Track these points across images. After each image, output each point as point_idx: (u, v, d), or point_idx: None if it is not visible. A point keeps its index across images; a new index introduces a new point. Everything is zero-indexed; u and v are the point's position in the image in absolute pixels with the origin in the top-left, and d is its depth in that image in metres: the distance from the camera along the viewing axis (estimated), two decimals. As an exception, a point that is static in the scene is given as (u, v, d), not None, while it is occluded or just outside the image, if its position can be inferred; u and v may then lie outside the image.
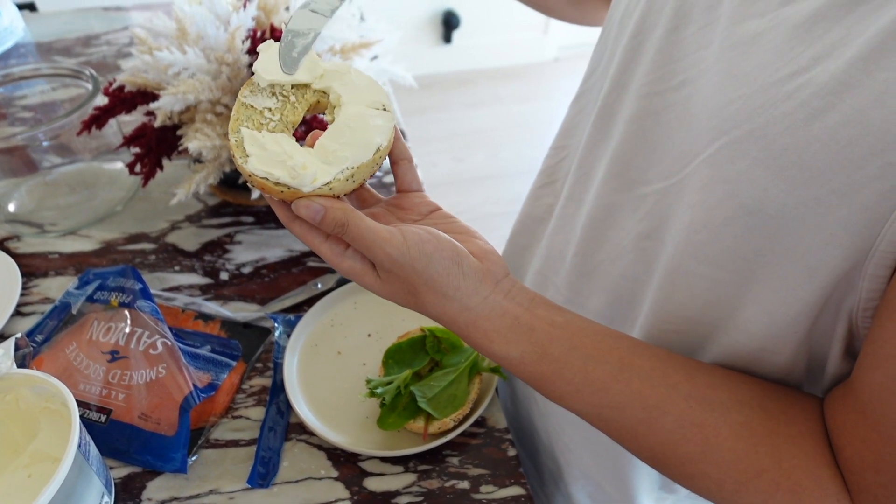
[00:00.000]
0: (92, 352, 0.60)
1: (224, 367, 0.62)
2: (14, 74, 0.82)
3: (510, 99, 2.78)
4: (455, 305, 0.38)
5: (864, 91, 0.29)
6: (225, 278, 0.74)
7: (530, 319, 0.38)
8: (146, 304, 0.62)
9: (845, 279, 0.32)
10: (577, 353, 0.38)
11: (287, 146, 0.37)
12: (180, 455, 0.55)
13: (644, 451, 0.39)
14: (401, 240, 0.36)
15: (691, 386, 0.37)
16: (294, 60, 0.40)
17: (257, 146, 0.37)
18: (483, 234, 0.42)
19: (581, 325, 0.39)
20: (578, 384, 0.38)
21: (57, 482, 0.44)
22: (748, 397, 0.37)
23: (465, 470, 0.56)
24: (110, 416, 0.57)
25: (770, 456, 0.35)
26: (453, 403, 0.57)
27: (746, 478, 0.35)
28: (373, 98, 0.40)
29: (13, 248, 0.78)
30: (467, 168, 2.43)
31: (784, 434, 0.36)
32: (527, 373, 0.39)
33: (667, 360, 0.39)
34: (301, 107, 0.41)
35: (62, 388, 0.49)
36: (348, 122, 0.38)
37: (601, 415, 0.39)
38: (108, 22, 1.29)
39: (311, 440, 0.59)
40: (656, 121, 0.41)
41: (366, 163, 0.37)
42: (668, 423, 0.37)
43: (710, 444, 0.36)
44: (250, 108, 0.40)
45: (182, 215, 0.83)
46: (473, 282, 0.38)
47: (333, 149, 0.37)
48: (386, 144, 0.39)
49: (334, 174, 0.36)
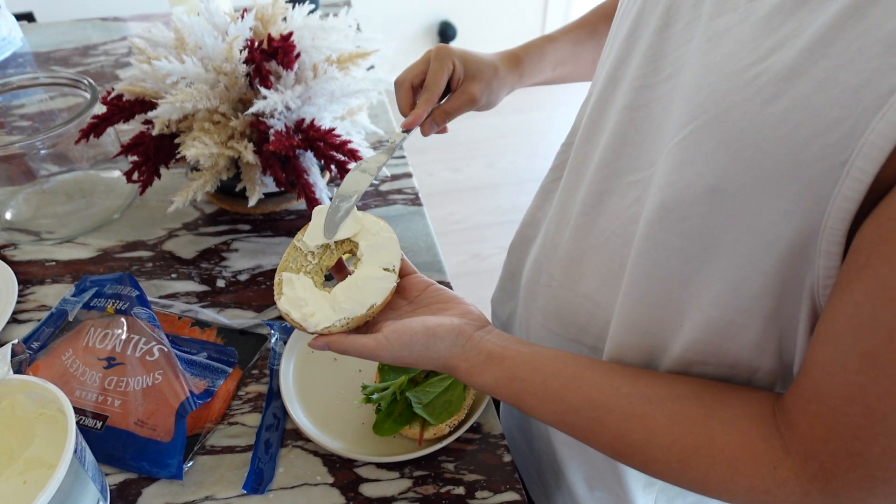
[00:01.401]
0: (88, 358, 0.60)
1: (220, 373, 0.62)
2: (12, 83, 0.82)
3: (507, 109, 2.78)
4: (439, 363, 0.48)
5: (809, 78, 0.31)
6: (221, 285, 0.75)
7: (501, 352, 0.47)
8: (143, 311, 0.63)
9: (803, 254, 0.34)
10: (538, 373, 0.46)
11: (308, 293, 0.49)
12: (176, 461, 0.55)
13: (604, 446, 0.44)
14: (385, 343, 0.47)
15: (632, 387, 0.44)
16: (335, 226, 0.52)
17: (290, 287, 0.50)
18: (480, 242, 0.48)
19: (543, 353, 0.48)
20: (541, 397, 0.45)
21: (52, 488, 0.44)
22: (685, 391, 0.42)
23: (460, 475, 0.57)
24: (106, 423, 0.57)
25: (704, 435, 0.40)
26: (449, 409, 0.58)
27: (685, 455, 0.40)
28: (387, 259, 0.51)
29: (10, 256, 0.78)
30: (464, 178, 2.44)
31: (717, 416, 0.40)
32: (502, 394, 0.47)
33: (614, 371, 0.46)
34: (337, 254, 0.53)
35: (59, 394, 0.50)
36: (358, 281, 0.50)
37: (563, 420, 0.45)
38: (105, 32, 1.30)
39: (307, 446, 0.59)
40: (646, 111, 0.44)
41: (360, 316, 0.49)
42: (615, 418, 0.43)
43: (650, 431, 0.41)
44: (298, 251, 0.52)
45: (179, 223, 0.83)
46: (450, 341, 0.48)
47: (340, 300, 0.49)
48: (380, 303, 0.50)
49: (333, 321, 0.48)
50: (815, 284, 0.35)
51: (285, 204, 0.85)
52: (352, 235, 0.52)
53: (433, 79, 0.63)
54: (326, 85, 0.74)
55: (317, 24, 0.77)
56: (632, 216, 0.45)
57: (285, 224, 0.83)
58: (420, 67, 0.65)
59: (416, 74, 0.65)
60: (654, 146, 0.43)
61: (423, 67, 0.65)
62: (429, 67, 0.64)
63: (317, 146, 0.73)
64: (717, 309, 0.39)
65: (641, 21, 0.45)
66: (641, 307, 0.44)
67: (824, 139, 0.31)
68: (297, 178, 0.74)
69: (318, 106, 0.75)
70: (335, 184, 0.89)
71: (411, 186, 0.90)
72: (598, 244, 0.49)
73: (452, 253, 2.05)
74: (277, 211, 0.85)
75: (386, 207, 0.86)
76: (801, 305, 0.37)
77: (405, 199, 0.88)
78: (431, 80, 0.64)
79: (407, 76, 0.65)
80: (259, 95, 0.71)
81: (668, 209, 0.39)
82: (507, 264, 0.70)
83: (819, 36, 0.31)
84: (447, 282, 0.75)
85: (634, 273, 0.44)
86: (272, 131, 0.71)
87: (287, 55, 0.72)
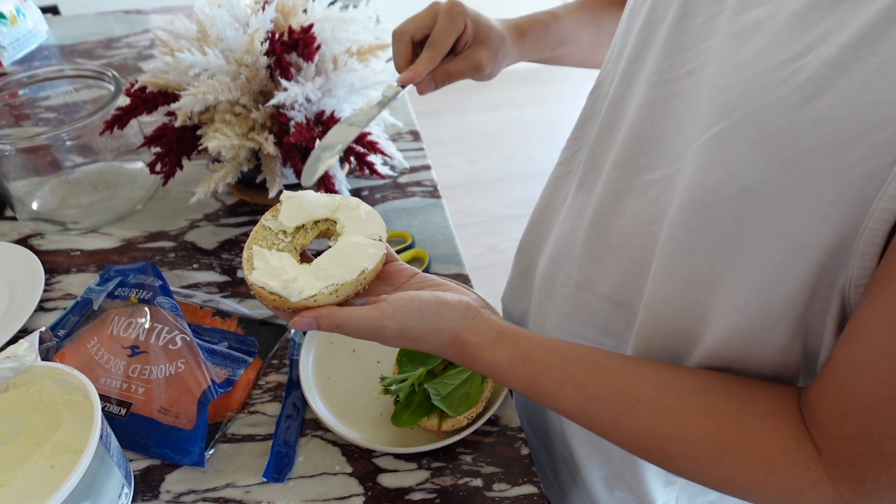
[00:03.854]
0: (113, 346, 0.61)
1: (241, 363, 0.63)
2: (39, 75, 0.83)
3: (524, 101, 2.78)
4: (448, 336, 0.44)
5: (854, 75, 0.30)
6: (242, 276, 0.75)
7: (514, 331, 0.45)
8: (166, 301, 0.64)
9: (837, 256, 0.33)
10: (557, 356, 0.43)
11: (286, 263, 0.44)
12: (198, 448, 0.56)
13: (627, 440, 0.42)
14: (391, 311, 0.42)
15: (658, 377, 0.42)
16: (314, 174, 0.49)
17: (263, 261, 0.44)
18: (495, 235, 0.47)
19: (559, 340, 0.45)
20: (561, 381, 0.43)
21: (79, 473, 0.45)
22: (712, 384, 0.40)
23: (478, 468, 0.57)
24: (130, 410, 0.58)
25: (738, 432, 0.38)
26: (467, 401, 0.58)
27: (719, 452, 0.38)
28: (371, 230, 0.47)
29: (36, 246, 0.80)
30: (480, 170, 2.43)
31: (750, 412, 0.38)
32: (515, 377, 0.44)
33: (636, 360, 0.44)
34: (312, 233, 0.48)
35: (85, 381, 0.51)
36: (344, 248, 0.45)
37: (583, 409, 0.43)
38: (128, 25, 1.31)
39: (326, 436, 0.59)
40: (665, 108, 0.43)
41: (350, 281, 0.43)
42: (643, 409, 0.41)
43: (682, 425, 0.39)
44: (267, 230, 0.47)
45: (200, 214, 0.84)
46: (460, 311, 0.44)
47: (325, 267, 0.43)
48: (371, 268, 0.44)
49: (319, 289, 0.42)
50: (846, 284, 0.34)
51: (305, 196, 0.86)
52: (329, 214, 0.48)
53: (441, 36, 0.58)
54: (346, 76, 0.75)
55: (337, 15, 0.77)
56: (652, 216, 0.44)
57: (305, 216, 0.84)
58: (425, 21, 0.60)
59: (419, 28, 0.60)
60: (675, 144, 0.42)
61: (427, 21, 0.60)
62: (436, 22, 0.59)
63: (336, 138, 0.73)
64: (744, 315, 0.38)
65: (656, 14, 0.44)
66: (666, 310, 0.43)
67: (870, 138, 0.30)
68: (317, 170, 0.75)
69: (338, 98, 0.76)
70: (354, 175, 0.90)
71: (430, 179, 0.90)
72: (617, 244, 0.48)
73: (469, 245, 2.05)
74: (297, 202, 0.85)
75: (404, 199, 0.86)
76: (829, 304, 0.36)
77: (424, 192, 0.88)
78: (439, 36, 0.59)
79: (408, 28, 0.60)
80: (280, 87, 0.71)
81: (696, 210, 0.38)
82: (518, 263, 0.68)
83: (865, 32, 0.30)
84: (465, 275, 0.75)
85: (659, 275, 0.42)
86: (292, 123, 0.71)
87: (307, 47, 0.72)
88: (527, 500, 0.54)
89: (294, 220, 0.47)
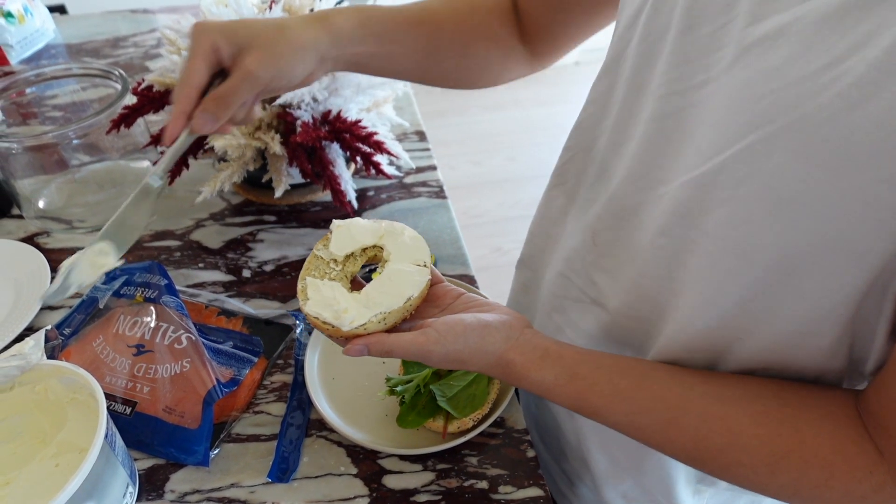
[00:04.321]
0: (118, 345, 0.61)
1: (246, 362, 0.63)
2: (46, 74, 0.83)
3: (529, 102, 2.78)
4: (493, 357, 0.45)
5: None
6: (247, 276, 0.75)
7: (558, 349, 0.45)
8: (171, 300, 0.64)
9: (894, 261, 0.32)
10: (603, 371, 0.44)
11: (337, 293, 0.46)
12: (203, 448, 0.56)
13: (679, 451, 0.42)
14: (436, 336, 0.43)
15: (706, 385, 0.41)
16: (54, 297, 0.47)
17: (316, 292, 0.47)
18: (500, 236, 0.47)
19: (603, 353, 0.45)
20: (608, 396, 0.43)
21: (84, 472, 0.45)
22: (762, 390, 0.40)
23: (483, 470, 0.56)
24: (135, 409, 0.58)
25: (793, 438, 0.37)
26: (473, 403, 0.58)
27: (775, 459, 0.37)
28: (417, 255, 0.49)
29: (43, 244, 0.80)
30: (485, 172, 2.43)
31: (803, 418, 0.38)
32: (562, 394, 0.44)
33: (681, 370, 0.43)
34: (361, 260, 0.51)
35: (90, 380, 0.50)
36: (390, 275, 0.47)
37: (633, 422, 0.43)
38: (135, 24, 1.31)
39: (331, 437, 0.59)
40: (678, 120, 0.41)
41: (397, 309, 0.45)
42: (693, 419, 0.40)
43: (734, 433, 0.39)
44: (319, 259, 0.50)
45: (206, 213, 0.84)
46: (503, 332, 0.45)
47: (373, 296, 0.46)
48: (417, 295, 0.46)
49: (368, 317, 0.44)
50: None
51: (310, 195, 0.85)
52: (376, 241, 0.50)
53: (185, 67, 0.50)
54: (353, 76, 0.74)
55: (344, 15, 0.77)
56: (659, 228, 0.42)
57: (310, 215, 0.84)
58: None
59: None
60: (691, 155, 0.40)
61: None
62: None
63: (343, 137, 0.73)
64: (789, 320, 0.37)
65: (655, 25, 0.42)
66: (701, 323, 0.41)
67: None
68: (323, 170, 0.75)
69: (345, 97, 0.75)
70: (360, 175, 0.90)
71: (436, 179, 0.90)
72: (629, 259, 0.47)
73: (473, 247, 2.04)
74: (303, 202, 0.85)
75: (410, 200, 0.86)
76: (881, 309, 0.35)
77: (429, 192, 0.88)
78: (184, 69, 0.50)
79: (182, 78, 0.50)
80: (286, 87, 0.71)
81: (732, 226, 0.36)
82: (520, 276, 0.67)
83: None
84: (471, 276, 0.75)
85: (692, 289, 0.41)
86: (299, 122, 0.71)
87: (314, 46, 0.72)
88: (533, 502, 0.54)
89: (344, 249, 0.50)
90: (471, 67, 0.65)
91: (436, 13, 0.62)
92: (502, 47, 0.64)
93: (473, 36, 0.63)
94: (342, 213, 0.83)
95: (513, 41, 0.65)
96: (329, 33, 0.55)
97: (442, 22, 0.61)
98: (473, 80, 0.67)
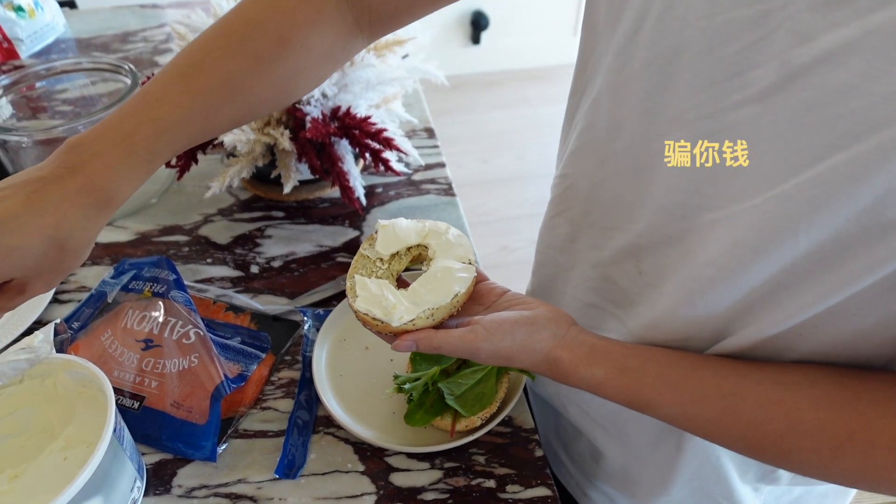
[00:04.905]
0: (126, 340, 0.61)
1: (254, 358, 0.62)
2: (56, 68, 0.83)
3: (537, 101, 2.77)
4: (540, 355, 0.45)
5: None
6: (255, 271, 0.75)
7: (605, 344, 0.45)
8: (179, 295, 0.63)
9: None
10: (652, 363, 0.43)
11: (385, 290, 0.47)
12: (210, 443, 0.55)
13: (736, 440, 0.41)
14: (484, 333, 0.43)
15: (761, 373, 0.40)
16: None
17: (364, 289, 0.47)
18: (507, 235, 0.46)
19: (649, 346, 0.45)
20: (660, 387, 0.42)
21: (92, 465, 0.45)
22: (819, 375, 0.39)
23: (491, 468, 0.56)
24: (143, 403, 0.58)
25: (856, 420, 0.36)
26: (481, 402, 0.57)
27: (839, 442, 0.37)
28: (461, 253, 0.50)
29: (52, 238, 0.80)
30: (493, 169, 2.43)
31: (865, 399, 0.37)
32: (613, 388, 0.44)
33: (732, 359, 0.42)
34: (406, 259, 0.51)
35: (99, 374, 0.50)
36: (437, 272, 0.48)
37: (686, 412, 0.42)
38: (144, 19, 1.31)
39: (339, 433, 0.59)
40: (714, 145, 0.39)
41: (444, 305, 0.46)
42: (749, 406, 0.39)
43: (793, 418, 0.38)
44: (366, 258, 0.50)
45: (215, 209, 0.84)
46: (550, 330, 0.45)
47: (421, 293, 0.47)
48: (463, 292, 0.47)
49: (417, 313, 0.45)
50: None
51: (319, 192, 0.85)
52: (420, 240, 0.51)
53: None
54: (363, 72, 0.74)
55: (354, 10, 0.76)
56: (722, 256, 0.40)
57: (318, 212, 0.83)
58: None
59: None
60: (740, 177, 0.38)
61: None
62: None
63: (352, 134, 0.73)
64: (863, 321, 0.36)
65: (663, 47, 0.40)
66: (761, 337, 0.40)
67: None
68: (332, 166, 0.74)
69: (354, 94, 0.75)
70: (369, 172, 0.89)
71: (444, 176, 0.89)
72: (683, 287, 0.43)
73: (481, 245, 2.05)
74: (311, 198, 0.85)
75: (419, 197, 0.86)
76: None
77: (438, 190, 0.87)
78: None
79: None
80: (296, 82, 0.71)
81: (820, 256, 0.34)
82: None
83: None
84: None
85: (765, 316, 0.39)
86: (308, 118, 0.71)
87: (324, 42, 0.71)
88: (540, 502, 0.54)
89: (389, 249, 0.50)
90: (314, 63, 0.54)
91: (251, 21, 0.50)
92: (347, 47, 0.56)
93: (304, 32, 0.52)
94: (351, 210, 0.83)
95: (349, 27, 0.55)
96: (111, 207, 0.45)
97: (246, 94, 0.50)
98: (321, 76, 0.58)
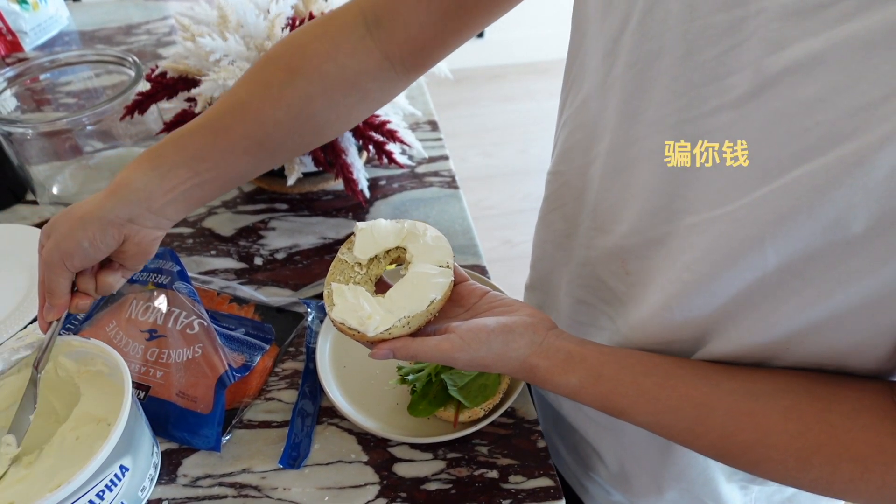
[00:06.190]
0: (131, 330, 0.62)
1: (258, 349, 0.63)
2: (60, 60, 0.84)
3: (541, 94, 2.76)
4: (517, 363, 0.45)
5: None
6: (259, 263, 0.75)
7: (582, 351, 0.45)
8: (183, 286, 0.64)
9: None
10: (627, 371, 0.43)
11: (362, 299, 0.47)
12: (215, 433, 0.56)
13: (708, 448, 0.41)
14: (460, 343, 0.43)
15: (733, 382, 0.40)
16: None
17: (341, 297, 0.47)
18: (510, 229, 0.45)
19: (627, 351, 0.45)
20: (633, 396, 0.43)
21: (122, 420, 0.46)
22: (791, 385, 0.39)
23: (494, 459, 0.56)
24: (149, 393, 0.58)
25: (824, 432, 0.37)
26: (484, 393, 0.57)
27: (807, 454, 0.37)
28: (439, 256, 0.49)
29: (56, 230, 0.80)
30: (497, 163, 2.42)
31: (836, 411, 0.37)
32: (588, 395, 0.44)
33: (707, 367, 0.42)
34: (385, 262, 0.51)
35: (98, 344, 0.51)
36: (413, 279, 0.48)
37: (659, 421, 0.43)
38: (147, 12, 1.31)
39: (342, 424, 0.59)
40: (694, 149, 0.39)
41: (420, 313, 0.46)
42: (719, 417, 0.40)
43: (762, 429, 0.38)
44: (344, 263, 0.50)
45: (218, 201, 0.84)
46: (527, 337, 0.45)
47: (397, 300, 0.47)
48: (440, 298, 0.47)
49: (393, 322, 0.45)
50: None
51: (322, 184, 0.85)
52: (399, 242, 0.51)
53: (49, 288, 0.51)
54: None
55: (358, 2, 0.76)
56: (702, 258, 0.40)
57: (322, 204, 0.84)
58: None
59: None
60: (716, 181, 0.38)
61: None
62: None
63: (356, 126, 0.73)
64: (847, 335, 0.36)
65: (644, 51, 0.39)
66: (743, 345, 0.40)
67: None
68: (336, 159, 0.74)
69: (358, 85, 0.75)
70: (372, 164, 0.89)
71: (447, 169, 0.89)
72: (666, 288, 0.43)
73: (483, 238, 2.03)
74: (315, 191, 0.85)
75: (422, 190, 0.86)
76: None
77: (441, 182, 0.87)
78: (48, 288, 0.51)
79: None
80: (300, 74, 0.71)
81: (813, 259, 0.34)
82: (532, 300, 0.66)
83: None
84: (483, 266, 0.75)
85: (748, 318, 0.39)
86: (312, 110, 0.71)
87: (328, 34, 0.71)
88: (543, 492, 0.54)
89: (367, 253, 0.50)
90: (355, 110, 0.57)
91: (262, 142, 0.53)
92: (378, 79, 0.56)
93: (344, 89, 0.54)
94: (354, 202, 0.83)
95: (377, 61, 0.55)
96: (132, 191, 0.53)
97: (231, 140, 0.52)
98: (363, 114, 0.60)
